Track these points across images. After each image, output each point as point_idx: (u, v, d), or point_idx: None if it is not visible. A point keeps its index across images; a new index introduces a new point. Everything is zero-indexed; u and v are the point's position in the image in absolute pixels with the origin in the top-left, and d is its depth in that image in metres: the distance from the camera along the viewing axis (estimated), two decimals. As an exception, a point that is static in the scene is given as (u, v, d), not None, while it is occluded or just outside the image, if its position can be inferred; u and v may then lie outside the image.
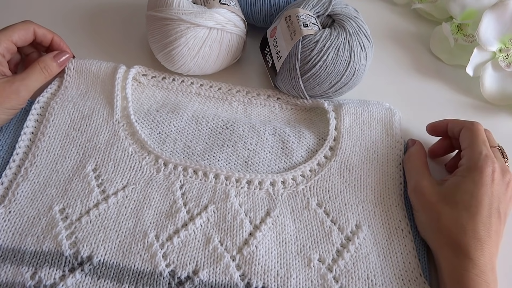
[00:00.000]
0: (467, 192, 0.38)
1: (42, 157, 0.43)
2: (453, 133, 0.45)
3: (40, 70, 0.46)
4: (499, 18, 0.52)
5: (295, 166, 0.45)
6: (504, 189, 0.39)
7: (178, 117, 0.48)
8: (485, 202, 0.37)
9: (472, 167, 0.39)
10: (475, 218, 0.37)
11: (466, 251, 0.36)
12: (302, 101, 0.51)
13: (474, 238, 0.36)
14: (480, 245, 0.36)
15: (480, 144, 0.41)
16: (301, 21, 0.47)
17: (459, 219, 0.37)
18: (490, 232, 0.37)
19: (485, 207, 0.37)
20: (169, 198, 0.42)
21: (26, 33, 0.46)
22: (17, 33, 0.46)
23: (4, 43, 0.45)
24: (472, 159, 0.40)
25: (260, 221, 0.41)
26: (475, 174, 0.39)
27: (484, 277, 0.35)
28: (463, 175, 0.39)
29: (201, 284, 0.37)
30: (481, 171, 0.39)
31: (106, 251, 0.38)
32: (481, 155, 0.40)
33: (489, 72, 0.53)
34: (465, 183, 0.39)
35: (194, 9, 0.47)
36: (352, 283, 0.38)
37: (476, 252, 0.36)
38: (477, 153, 0.40)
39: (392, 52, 0.59)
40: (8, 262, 0.37)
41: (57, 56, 0.48)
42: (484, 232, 0.36)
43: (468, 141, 0.42)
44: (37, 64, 0.46)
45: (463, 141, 0.42)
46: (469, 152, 0.41)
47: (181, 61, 0.48)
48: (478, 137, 0.41)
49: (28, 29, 0.47)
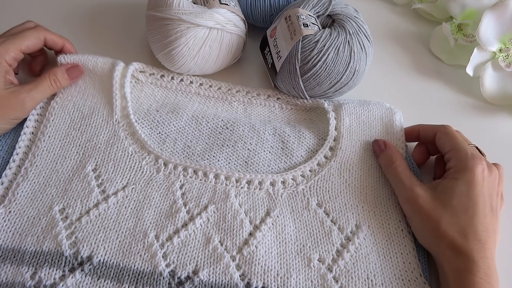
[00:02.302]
0: (462, 194, 0.38)
1: (42, 157, 0.43)
2: (426, 138, 0.45)
3: (49, 83, 0.44)
4: (499, 18, 0.52)
5: (295, 166, 0.45)
6: (493, 185, 0.39)
7: (178, 117, 0.48)
8: (480, 202, 0.38)
9: (462, 168, 0.39)
10: (473, 220, 0.37)
11: (470, 254, 0.36)
12: (302, 101, 0.51)
13: (476, 240, 0.36)
14: (482, 247, 0.36)
15: (462, 145, 0.41)
16: (301, 21, 0.47)
17: (458, 223, 0.37)
18: (489, 231, 0.37)
19: (481, 207, 0.37)
20: (169, 198, 0.42)
21: (36, 43, 0.45)
22: (27, 42, 0.44)
23: (13, 52, 0.43)
24: (461, 160, 0.40)
25: (260, 221, 0.41)
26: (467, 175, 0.39)
27: (488, 279, 0.35)
28: (455, 177, 0.39)
29: (201, 284, 0.37)
30: (472, 171, 0.39)
31: (106, 251, 0.38)
32: (467, 155, 0.40)
33: (489, 72, 0.53)
34: (459, 185, 0.39)
35: (194, 9, 0.47)
36: (352, 283, 0.38)
37: (479, 254, 0.35)
38: (463, 154, 0.40)
39: (392, 52, 0.59)
40: (8, 262, 0.37)
41: (71, 71, 0.46)
42: (484, 233, 0.37)
43: (450, 144, 0.42)
44: (47, 76, 0.44)
45: (443, 146, 0.42)
46: (455, 154, 0.41)
47: (181, 61, 0.48)
48: (457, 138, 0.42)
49: (38, 38, 0.45)
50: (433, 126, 0.45)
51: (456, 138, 0.42)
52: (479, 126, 0.52)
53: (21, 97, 0.42)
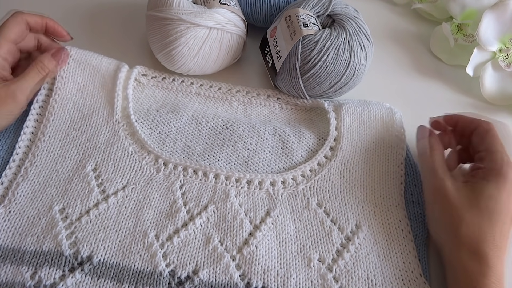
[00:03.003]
0: (491, 198, 0.37)
1: (42, 157, 0.43)
2: (463, 130, 0.43)
3: (37, 71, 0.44)
4: (499, 18, 0.52)
5: (295, 166, 0.45)
6: None
7: (178, 117, 0.48)
8: (505, 211, 0.37)
9: (496, 172, 0.38)
10: (495, 226, 0.37)
11: (486, 258, 0.35)
12: (302, 101, 0.51)
13: (493, 245, 0.36)
14: (497, 252, 0.36)
15: (501, 147, 0.40)
16: (301, 21, 0.47)
17: (481, 226, 0.37)
18: (506, 240, 0.37)
19: (505, 215, 0.37)
20: (169, 198, 0.42)
21: (21, 27, 0.44)
22: (12, 31, 0.43)
23: (5, 45, 0.43)
24: (497, 163, 0.39)
25: (260, 221, 0.41)
26: (500, 180, 0.38)
27: (499, 285, 0.35)
28: (487, 179, 0.38)
29: (201, 284, 0.37)
30: (505, 177, 0.38)
31: (106, 251, 0.38)
32: (504, 160, 0.39)
33: (489, 72, 0.53)
34: (489, 188, 0.38)
35: (194, 9, 0.47)
36: (352, 283, 0.38)
37: (494, 260, 0.35)
38: (500, 157, 0.39)
39: (392, 52, 0.59)
40: (8, 262, 0.37)
41: (56, 55, 0.45)
42: (501, 239, 0.36)
43: (488, 143, 0.40)
44: (34, 65, 0.44)
45: (480, 142, 0.41)
46: (492, 156, 0.39)
47: (181, 61, 0.48)
48: (498, 139, 0.40)
49: (20, 22, 0.44)
50: (475, 120, 0.42)
51: (497, 139, 0.40)
52: (479, 126, 0.52)
53: (11, 89, 0.42)
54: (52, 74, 0.46)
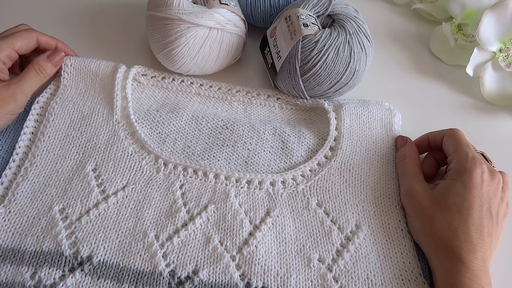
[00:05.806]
0: (458, 195, 0.38)
1: (42, 157, 0.43)
2: (435, 143, 0.45)
3: (34, 72, 0.45)
4: (499, 18, 0.52)
5: (295, 166, 0.45)
6: (495, 190, 0.39)
7: (178, 117, 0.48)
8: (476, 204, 0.37)
9: (461, 170, 0.39)
10: (467, 221, 0.37)
11: (459, 254, 0.36)
12: (302, 101, 0.51)
13: (466, 241, 0.36)
14: (472, 248, 0.36)
15: (464, 147, 0.41)
16: (301, 21, 0.47)
17: (451, 223, 0.37)
18: (483, 235, 0.37)
19: (476, 209, 0.37)
20: (169, 198, 0.42)
21: (29, 42, 0.46)
22: (19, 42, 0.45)
23: (6, 50, 0.44)
24: (460, 162, 0.40)
25: (260, 221, 0.41)
26: (465, 177, 0.39)
27: (478, 281, 0.35)
28: (453, 178, 0.40)
29: (201, 284, 0.37)
30: (470, 173, 0.39)
31: (106, 251, 0.38)
32: (468, 158, 0.40)
33: (489, 72, 0.53)
34: (456, 186, 0.39)
35: (194, 9, 0.47)
36: (352, 283, 0.38)
37: (469, 256, 0.35)
38: (464, 155, 0.40)
39: (392, 52, 0.59)
40: (8, 262, 0.37)
41: (51, 56, 0.47)
42: (476, 235, 0.36)
43: (453, 146, 0.42)
44: (31, 66, 0.45)
45: (447, 148, 0.43)
46: (456, 156, 0.41)
47: (181, 61, 0.48)
48: (461, 141, 0.42)
49: (30, 38, 0.46)
50: (441, 131, 0.45)
51: (460, 141, 0.42)
52: (479, 126, 0.52)
53: (11, 89, 0.43)
54: (49, 75, 0.47)
